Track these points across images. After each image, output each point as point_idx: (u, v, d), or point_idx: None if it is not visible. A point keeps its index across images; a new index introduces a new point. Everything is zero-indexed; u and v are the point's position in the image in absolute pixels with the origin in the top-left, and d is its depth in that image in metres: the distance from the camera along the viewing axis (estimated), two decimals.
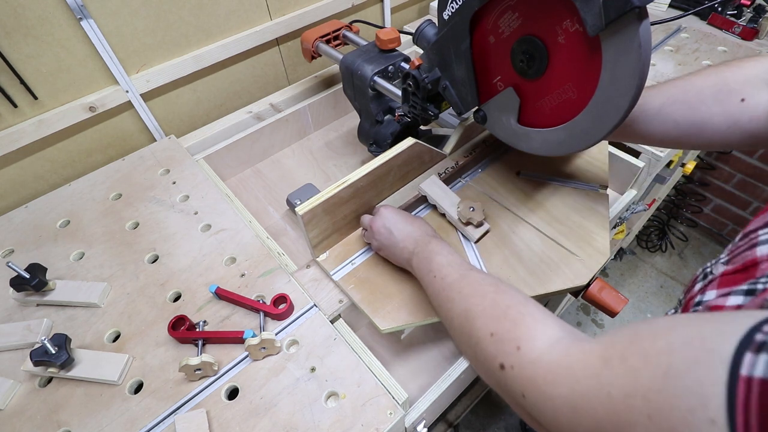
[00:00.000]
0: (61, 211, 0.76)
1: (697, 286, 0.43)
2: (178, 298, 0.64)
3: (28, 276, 0.60)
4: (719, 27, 1.10)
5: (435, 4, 1.04)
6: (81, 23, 0.73)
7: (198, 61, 0.89)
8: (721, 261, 0.42)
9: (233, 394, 0.55)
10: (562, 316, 1.62)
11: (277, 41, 1.01)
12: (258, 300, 0.62)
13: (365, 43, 0.83)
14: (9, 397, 0.55)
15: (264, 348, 0.56)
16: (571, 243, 0.68)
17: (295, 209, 0.60)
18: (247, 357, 0.58)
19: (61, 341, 0.55)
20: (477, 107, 0.64)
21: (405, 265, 0.60)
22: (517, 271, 0.65)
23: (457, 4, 0.55)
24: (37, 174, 0.83)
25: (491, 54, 0.57)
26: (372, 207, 0.70)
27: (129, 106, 0.86)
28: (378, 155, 0.65)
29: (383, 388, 0.54)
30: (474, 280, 0.47)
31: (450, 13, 0.57)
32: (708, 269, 0.44)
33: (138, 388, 0.56)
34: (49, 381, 0.57)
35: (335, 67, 1.03)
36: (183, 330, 0.59)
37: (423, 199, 0.74)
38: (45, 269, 0.63)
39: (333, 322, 0.62)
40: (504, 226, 0.71)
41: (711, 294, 0.39)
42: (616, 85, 0.46)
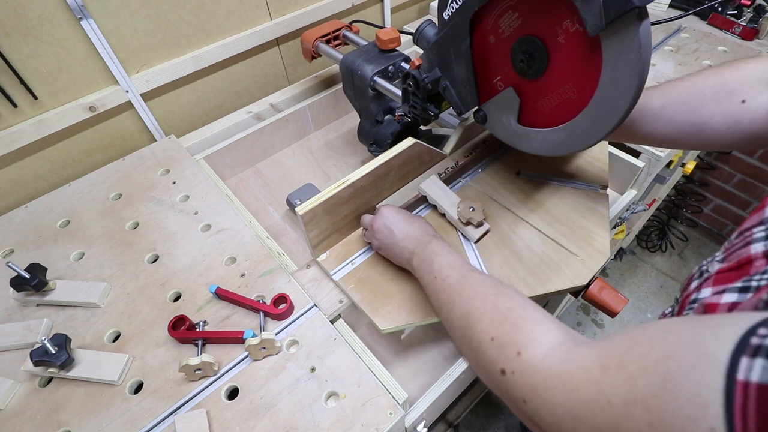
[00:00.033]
0: (61, 211, 0.76)
1: (693, 284, 0.43)
2: (178, 298, 0.64)
3: (28, 276, 0.60)
4: (719, 27, 1.10)
5: (435, 4, 1.04)
6: (81, 23, 0.73)
7: (198, 61, 0.89)
8: (717, 259, 0.42)
9: (233, 394, 0.55)
10: (562, 316, 1.62)
11: (277, 41, 1.01)
12: (258, 300, 0.62)
13: (365, 43, 0.83)
14: (9, 397, 0.55)
15: (264, 348, 0.56)
16: (571, 243, 0.68)
17: (295, 209, 0.60)
18: (247, 357, 0.58)
19: (61, 341, 0.55)
20: (477, 107, 0.64)
21: (405, 265, 0.60)
22: (517, 271, 0.65)
23: (457, 4, 0.55)
24: (37, 174, 0.83)
25: (491, 54, 0.57)
26: (372, 207, 0.70)
27: (129, 106, 0.86)
28: (378, 155, 0.65)
29: (383, 388, 0.54)
30: (474, 281, 0.47)
31: (450, 13, 0.57)
32: (704, 267, 0.44)
33: (138, 388, 0.56)
34: (49, 381, 0.57)
35: (335, 67, 1.03)
36: (183, 330, 0.59)
37: (423, 199, 0.74)
38: (45, 269, 0.63)
39: (333, 322, 0.62)
40: (504, 226, 0.71)
41: (706, 292, 0.40)
42: (616, 85, 0.46)
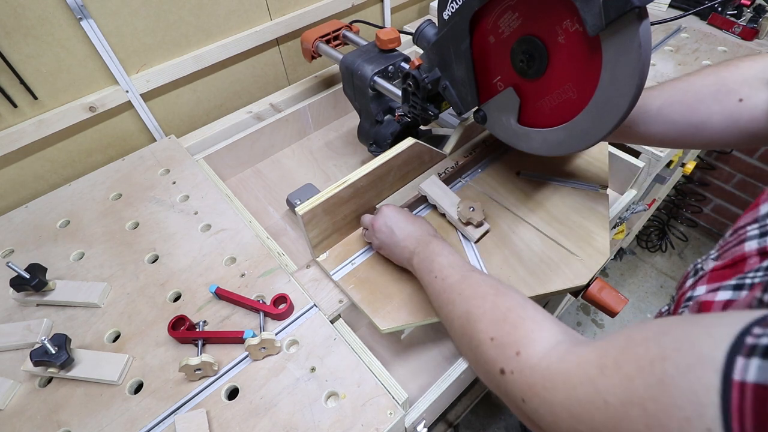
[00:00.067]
0: (61, 211, 0.76)
1: (689, 282, 0.44)
2: (178, 298, 0.64)
3: (28, 276, 0.60)
4: (719, 27, 1.10)
5: (435, 4, 1.04)
6: (81, 23, 0.73)
7: (198, 61, 0.89)
8: (711, 257, 0.43)
9: (233, 394, 0.55)
10: (562, 316, 1.62)
11: (277, 41, 1.01)
12: (258, 300, 0.62)
13: (365, 43, 0.83)
14: (9, 397, 0.55)
15: (264, 348, 0.56)
16: (571, 243, 0.68)
17: (295, 209, 0.60)
18: (247, 357, 0.58)
19: (61, 341, 0.55)
20: (477, 107, 0.64)
21: (405, 265, 0.60)
22: (517, 271, 0.65)
23: (457, 4, 0.55)
24: (37, 174, 0.83)
25: (491, 54, 0.57)
26: (372, 207, 0.70)
27: (129, 106, 0.86)
28: (378, 155, 0.65)
29: (383, 388, 0.54)
30: (474, 281, 0.47)
31: (450, 13, 0.57)
32: (699, 265, 0.44)
33: (138, 388, 0.56)
34: (49, 381, 0.57)
35: (335, 67, 1.03)
36: (183, 330, 0.59)
37: (423, 199, 0.74)
38: (45, 269, 0.63)
39: (333, 322, 0.62)
40: (504, 226, 0.71)
41: (701, 289, 0.40)
42: (616, 85, 0.46)
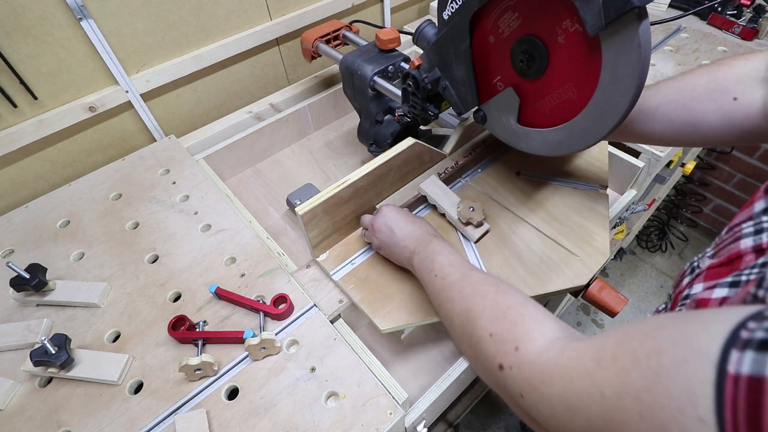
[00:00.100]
0: (61, 211, 0.76)
1: (685, 280, 0.44)
2: (178, 298, 0.64)
3: (28, 276, 0.60)
4: (719, 27, 1.10)
5: (435, 4, 1.04)
6: (81, 23, 0.73)
7: (198, 61, 0.89)
8: (708, 255, 0.43)
9: (233, 394, 0.55)
10: (562, 316, 1.62)
11: (277, 41, 1.01)
12: (258, 300, 0.62)
13: (365, 43, 0.83)
14: (9, 397, 0.55)
15: (264, 348, 0.56)
16: (571, 243, 0.68)
17: (295, 209, 0.60)
18: (247, 357, 0.58)
19: (61, 341, 0.55)
20: (477, 107, 0.64)
21: (405, 264, 0.60)
22: (517, 271, 0.65)
23: (457, 4, 0.55)
24: (37, 174, 0.83)
25: (491, 54, 0.57)
26: (372, 207, 0.70)
27: (129, 106, 0.86)
28: (378, 155, 0.65)
29: (383, 388, 0.54)
30: (475, 279, 0.47)
31: (450, 13, 0.57)
32: (695, 263, 0.44)
33: (138, 388, 0.56)
34: (49, 381, 0.57)
35: (335, 67, 1.03)
36: (183, 330, 0.59)
37: (423, 199, 0.74)
38: (45, 269, 0.63)
39: (333, 322, 0.62)
40: (504, 226, 0.71)
41: (698, 287, 0.40)
42: (616, 85, 0.46)
